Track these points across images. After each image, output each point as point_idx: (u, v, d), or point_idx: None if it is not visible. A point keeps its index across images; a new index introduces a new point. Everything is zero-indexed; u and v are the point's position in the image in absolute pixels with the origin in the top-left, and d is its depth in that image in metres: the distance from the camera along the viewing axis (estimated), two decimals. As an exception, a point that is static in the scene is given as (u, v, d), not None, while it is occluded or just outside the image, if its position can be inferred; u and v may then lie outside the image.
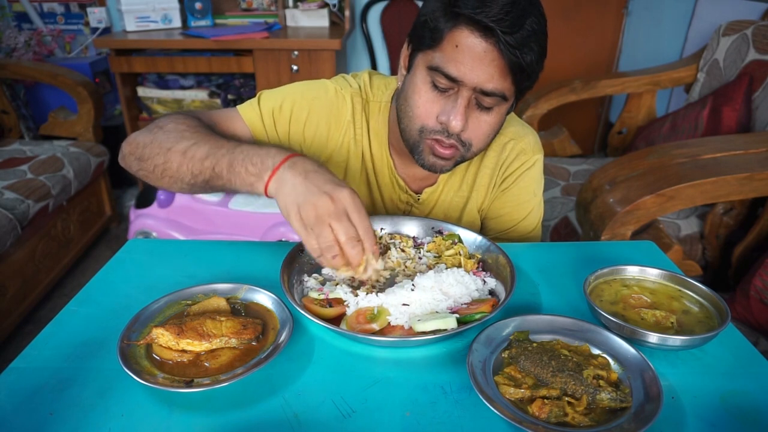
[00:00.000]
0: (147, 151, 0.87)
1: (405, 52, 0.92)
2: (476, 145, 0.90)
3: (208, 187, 0.84)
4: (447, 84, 0.83)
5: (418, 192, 1.07)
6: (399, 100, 0.94)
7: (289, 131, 0.99)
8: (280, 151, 0.78)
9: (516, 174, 1.05)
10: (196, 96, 2.85)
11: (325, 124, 1.00)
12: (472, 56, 0.80)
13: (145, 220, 2.18)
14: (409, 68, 0.91)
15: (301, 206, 0.72)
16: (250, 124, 0.98)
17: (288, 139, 1.00)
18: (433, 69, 0.83)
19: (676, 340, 0.68)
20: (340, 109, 1.00)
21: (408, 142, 0.93)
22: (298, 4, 2.90)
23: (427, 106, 0.87)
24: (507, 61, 0.79)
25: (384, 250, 0.90)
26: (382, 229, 0.96)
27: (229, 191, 0.84)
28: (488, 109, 0.86)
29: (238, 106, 1.00)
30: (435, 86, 0.85)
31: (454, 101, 0.84)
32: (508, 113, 0.92)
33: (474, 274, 0.83)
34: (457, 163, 0.93)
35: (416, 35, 0.87)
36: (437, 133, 0.87)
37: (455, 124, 0.84)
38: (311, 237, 0.72)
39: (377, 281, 0.84)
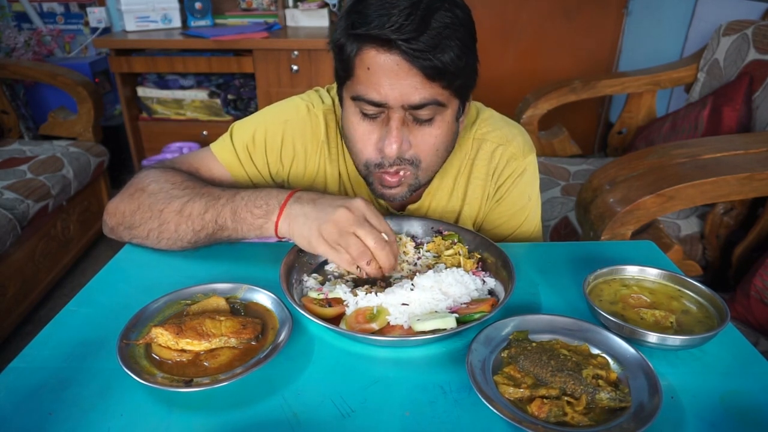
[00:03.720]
0: (137, 217, 0.86)
1: (337, 89, 0.89)
2: (426, 161, 0.84)
3: (211, 240, 0.85)
4: (375, 110, 0.79)
5: (401, 209, 1.03)
6: (343, 137, 0.90)
7: (268, 161, 0.98)
8: (281, 190, 0.81)
9: (509, 182, 1.01)
10: (196, 96, 2.85)
11: (301, 146, 0.97)
12: (386, 74, 0.75)
13: (145, 220, 2.18)
14: (342, 104, 0.87)
15: (322, 227, 0.75)
16: (227, 164, 0.96)
17: (268, 170, 0.98)
18: (356, 99, 0.79)
19: (676, 339, 0.68)
20: (315, 129, 0.97)
21: (362, 177, 0.90)
22: (298, 4, 2.90)
23: (364, 138, 0.83)
24: (420, 68, 0.73)
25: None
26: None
27: (235, 240, 0.85)
28: (428, 120, 0.81)
29: (212, 146, 0.99)
30: (365, 115, 0.81)
31: (387, 125, 0.80)
32: (459, 118, 0.87)
33: (473, 274, 0.83)
34: (412, 188, 0.88)
35: (335, 69, 0.84)
36: (380, 166, 0.83)
37: (389, 149, 0.79)
38: (340, 252, 0.75)
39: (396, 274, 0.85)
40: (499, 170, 1.00)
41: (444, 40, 0.73)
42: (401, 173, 0.85)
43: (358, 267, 0.76)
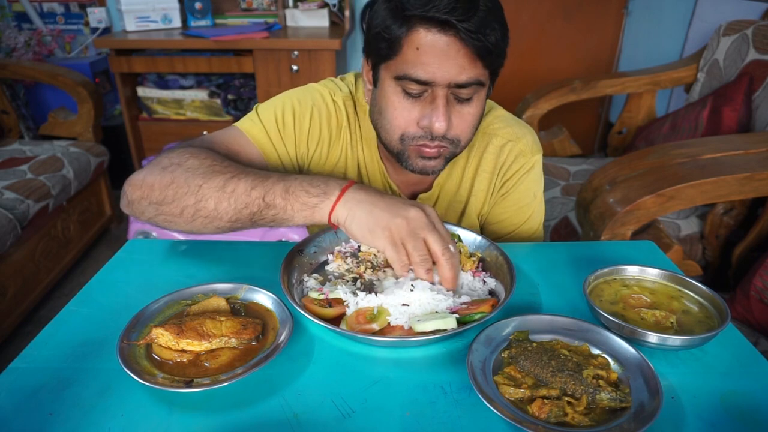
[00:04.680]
0: (170, 192, 0.80)
1: (366, 67, 0.90)
2: (464, 139, 0.88)
3: (253, 220, 0.80)
4: (419, 88, 0.81)
5: (413, 198, 1.04)
6: (373, 115, 0.91)
7: (296, 140, 0.97)
8: (339, 178, 0.80)
9: (515, 177, 1.03)
10: (196, 96, 2.85)
11: (326, 131, 0.98)
12: (436, 54, 0.77)
13: (145, 220, 2.19)
14: (374, 83, 0.88)
15: (392, 221, 0.73)
16: (257, 141, 0.94)
17: (295, 149, 0.98)
18: (401, 78, 0.81)
19: (676, 340, 0.68)
20: (338, 116, 0.99)
21: (392, 153, 0.90)
22: (298, 4, 2.90)
23: (404, 115, 0.84)
24: (472, 48, 0.77)
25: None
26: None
27: (278, 224, 0.80)
28: (468, 100, 0.83)
29: (237, 124, 0.96)
30: (408, 94, 0.82)
31: (432, 103, 0.82)
32: (487, 97, 0.90)
33: (474, 274, 0.83)
34: (447, 161, 0.91)
35: (373, 49, 0.85)
36: (421, 138, 0.85)
37: (439, 126, 0.82)
38: (400, 253, 0.74)
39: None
40: (507, 165, 1.02)
41: (491, 22, 0.77)
42: (438, 149, 0.87)
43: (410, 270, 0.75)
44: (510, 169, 1.02)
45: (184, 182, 0.80)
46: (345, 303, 0.77)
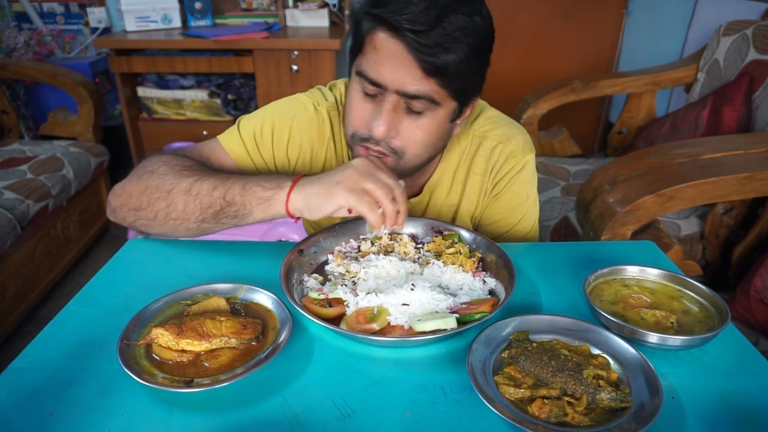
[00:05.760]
0: (144, 198, 0.86)
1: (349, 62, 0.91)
2: (410, 152, 0.86)
3: (217, 219, 0.85)
4: (373, 89, 0.81)
5: None
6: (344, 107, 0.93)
7: (274, 154, 0.98)
8: (292, 174, 0.84)
9: (507, 178, 1.02)
10: (196, 96, 2.85)
11: (308, 143, 0.99)
12: (390, 59, 0.77)
13: (145, 220, 2.19)
14: (349, 77, 0.90)
15: (341, 176, 0.78)
16: (234, 153, 0.97)
17: (273, 163, 0.99)
18: (359, 74, 0.82)
19: (676, 340, 0.68)
20: (321, 127, 0.99)
21: (348, 147, 0.93)
22: (298, 4, 2.90)
23: (358, 113, 0.85)
24: (420, 62, 0.76)
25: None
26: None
27: (240, 220, 0.85)
28: (419, 113, 0.82)
29: (218, 137, 0.99)
30: (366, 93, 0.83)
31: (380, 106, 0.82)
32: (455, 119, 0.88)
33: (474, 274, 0.83)
34: (398, 175, 0.88)
35: (351, 42, 0.86)
36: (366, 140, 0.85)
37: (377, 129, 0.81)
38: (363, 196, 0.77)
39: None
40: (498, 166, 1.02)
41: (452, 42, 0.75)
42: (382, 156, 0.87)
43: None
44: (501, 170, 1.02)
45: (155, 188, 0.86)
46: (345, 303, 0.77)
